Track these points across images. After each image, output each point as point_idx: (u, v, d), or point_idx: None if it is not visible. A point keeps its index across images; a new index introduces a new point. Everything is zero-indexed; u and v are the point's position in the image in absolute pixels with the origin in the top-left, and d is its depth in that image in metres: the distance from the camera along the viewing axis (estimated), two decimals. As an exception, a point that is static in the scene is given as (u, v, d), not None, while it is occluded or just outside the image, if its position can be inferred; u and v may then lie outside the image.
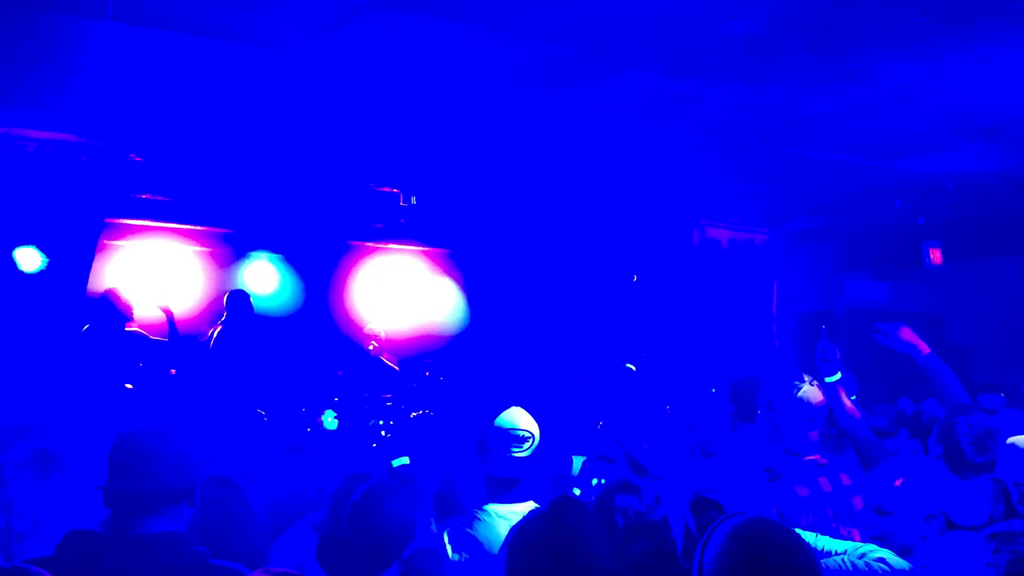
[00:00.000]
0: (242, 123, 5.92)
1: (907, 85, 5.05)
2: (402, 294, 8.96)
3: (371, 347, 7.73)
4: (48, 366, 6.01)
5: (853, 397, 4.48)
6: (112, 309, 6.13)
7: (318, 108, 5.57)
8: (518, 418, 3.64)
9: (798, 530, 2.07)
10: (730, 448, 4.57)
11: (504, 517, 3.18)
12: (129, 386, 5.99)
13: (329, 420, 4.80)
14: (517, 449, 3.62)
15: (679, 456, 5.11)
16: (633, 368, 7.06)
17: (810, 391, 4.21)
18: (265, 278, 8.12)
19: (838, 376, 4.28)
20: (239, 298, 6.93)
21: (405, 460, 3.84)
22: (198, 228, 7.88)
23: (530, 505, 3.43)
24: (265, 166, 6.90)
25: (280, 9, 4.16)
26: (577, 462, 4.43)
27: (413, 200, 7.64)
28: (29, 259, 5.84)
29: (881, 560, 2.42)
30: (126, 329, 6.21)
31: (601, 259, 9.73)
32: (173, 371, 6.34)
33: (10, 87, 5.23)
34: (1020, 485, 3.48)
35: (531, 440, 3.52)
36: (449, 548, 3.26)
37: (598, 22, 4.23)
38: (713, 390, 6.65)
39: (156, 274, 7.67)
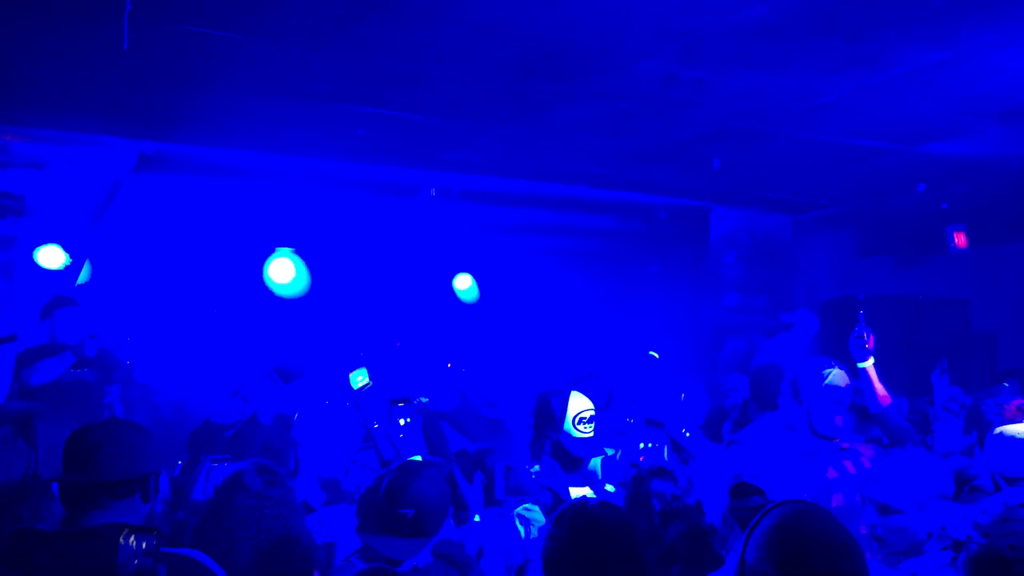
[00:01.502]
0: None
1: (927, 69, 4.99)
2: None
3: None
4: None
5: None
6: None
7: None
8: (583, 401, 3.78)
9: None
10: (752, 436, 4.57)
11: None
12: None
13: (358, 378, 4.78)
14: (584, 428, 3.72)
15: (705, 442, 5.13)
16: (656, 356, 7.05)
17: (838, 375, 4.22)
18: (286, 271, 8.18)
19: (871, 361, 4.28)
20: None
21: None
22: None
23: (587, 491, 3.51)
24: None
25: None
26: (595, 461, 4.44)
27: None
28: (52, 257, 5.88)
29: None
30: None
31: (615, 250, 9.74)
32: None
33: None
34: (1010, 478, 3.46)
35: (595, 422, 3.68)
36: (519, 525, 3.36)
37: (609, 9, 4.20)
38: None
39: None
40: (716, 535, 3.05)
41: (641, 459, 4.31)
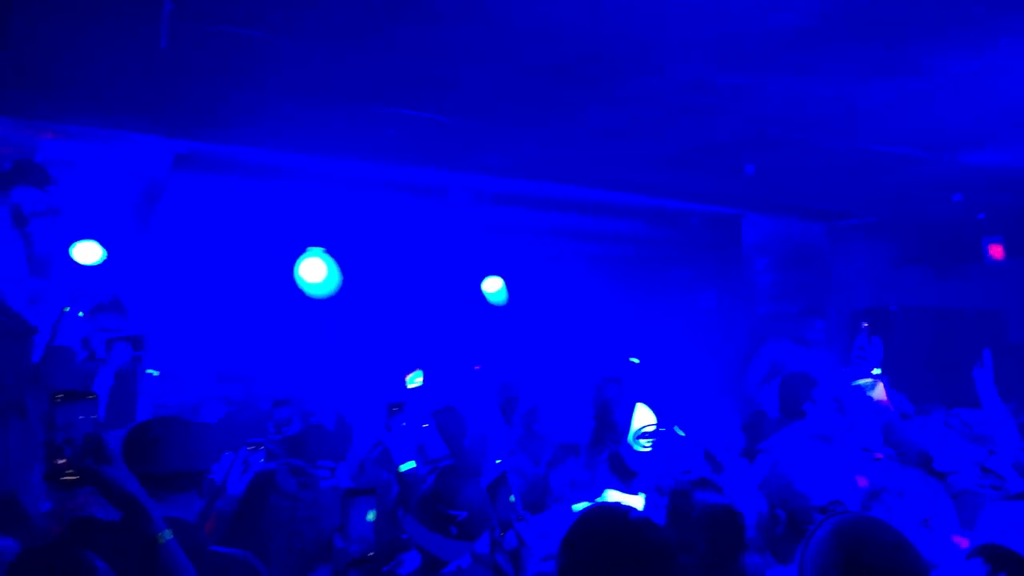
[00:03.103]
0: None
1: (965, 76, 4.92)
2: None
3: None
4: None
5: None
6: None
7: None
8: (648, 415, 3.76)
9: None
10: (779, 444, 4.54)
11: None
12: None
13: (416, 379, 4.83)
14: (645, 443, 3.71)
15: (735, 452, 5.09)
16: (636, 361, 7.05)
17: (880, 390, 4.19)
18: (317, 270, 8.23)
19: (877, 372, 4.25)
20: None
21: (412, 464, 3.86)
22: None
23: (641, 499, 3.50)
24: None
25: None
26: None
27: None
28: (89, 253, 5.94)
29: None
30: None
31: (646, 256, 9.70)
32: None
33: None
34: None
35: (655, 438, 3.66)
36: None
37: (644, 13, 4.19)
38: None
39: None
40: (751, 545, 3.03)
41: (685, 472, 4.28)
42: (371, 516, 2.74)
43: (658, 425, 4.62)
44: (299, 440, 4.96)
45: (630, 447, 3.85)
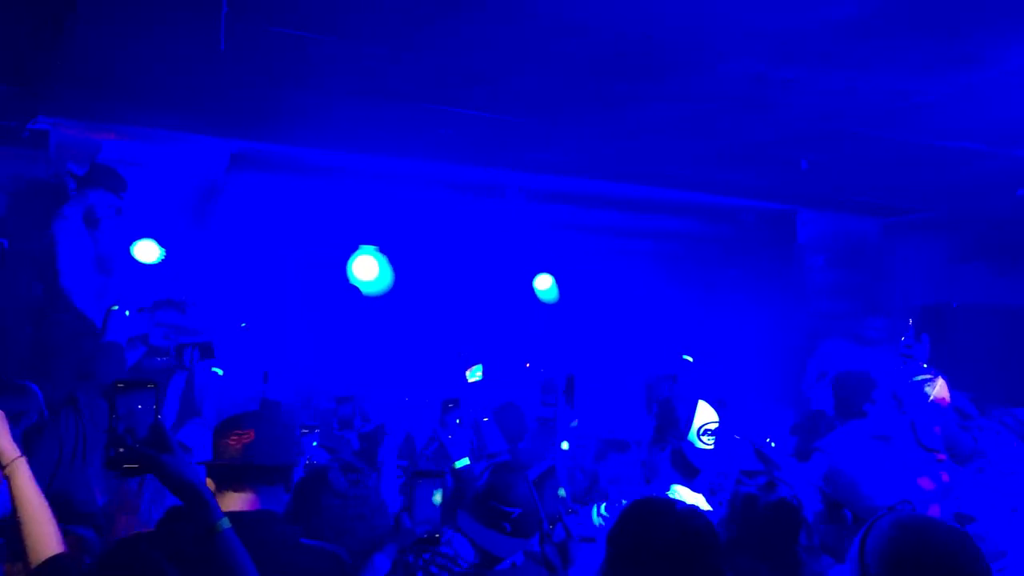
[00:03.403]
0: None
1: (1031, 68, 4.81)
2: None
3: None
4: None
5: None
6: None
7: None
8: (709, 412, 3.78)
9: None
10: (836, 443, 4.48)
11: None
12: None
13: (477, 374, 4.89)
14: (708, 440, 3.72)
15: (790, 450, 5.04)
16: (690, 359, 6.99)
17: (940, 386, 4.11)
18: (370, 268, 8.29)
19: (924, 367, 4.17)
20: None
21: (466, 461, 3.88)
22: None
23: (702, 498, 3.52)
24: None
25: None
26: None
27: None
28: (148, 252, 6.06)
29: None
30: None
31: (699, 253, 9.61)
32: None
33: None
34: None
35: (717, 435, 3.68)
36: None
37: (696, 7, 4.15)
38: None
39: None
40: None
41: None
42: (437, 498, 2.76)
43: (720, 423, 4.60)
44: (373, 437, 5.01)
45: (692, 444, 3.83)
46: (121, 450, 2.11)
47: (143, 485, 3.30)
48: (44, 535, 2.38)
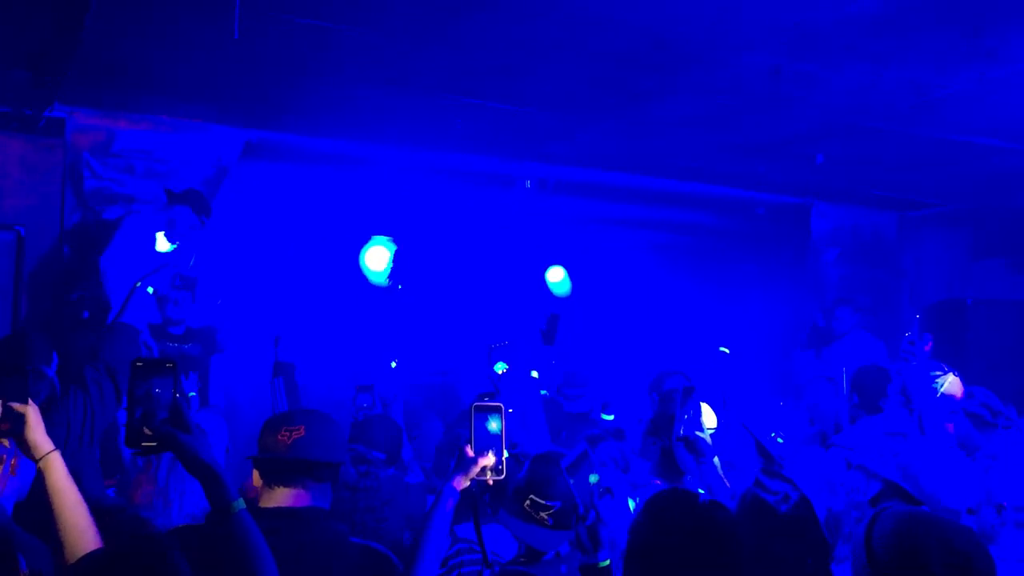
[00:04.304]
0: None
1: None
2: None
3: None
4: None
5: None
6: None
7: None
8: (710, 415, 3.76)
9: None
10: (852, 439, 4.45)
11: None
12: None
13: (500, 367, 4.93)
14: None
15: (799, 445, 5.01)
16: (727, 351, 6.95)
17: (952, 383, 4.07)
18: (381, 258, 8.28)
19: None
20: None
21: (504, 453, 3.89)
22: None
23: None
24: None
25: None
26: None
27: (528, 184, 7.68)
28: (161, 241, 6.07)
29: None
30: None
31: (712, 246, 9.57)
32: None
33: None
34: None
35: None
36: None
37: (715, 0, 4.12)
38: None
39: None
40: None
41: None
42: (494, 426, 2.81)
43: (719, 426, 4.56)
44: (362, 426, 5.01)
45: (683, 447, 3.79)
46: (143, 428, 2.13)
47: (160, 458, 3.31)
48: (80, 530, 2.37)
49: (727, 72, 5.01)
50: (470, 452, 2.77)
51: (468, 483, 2.77)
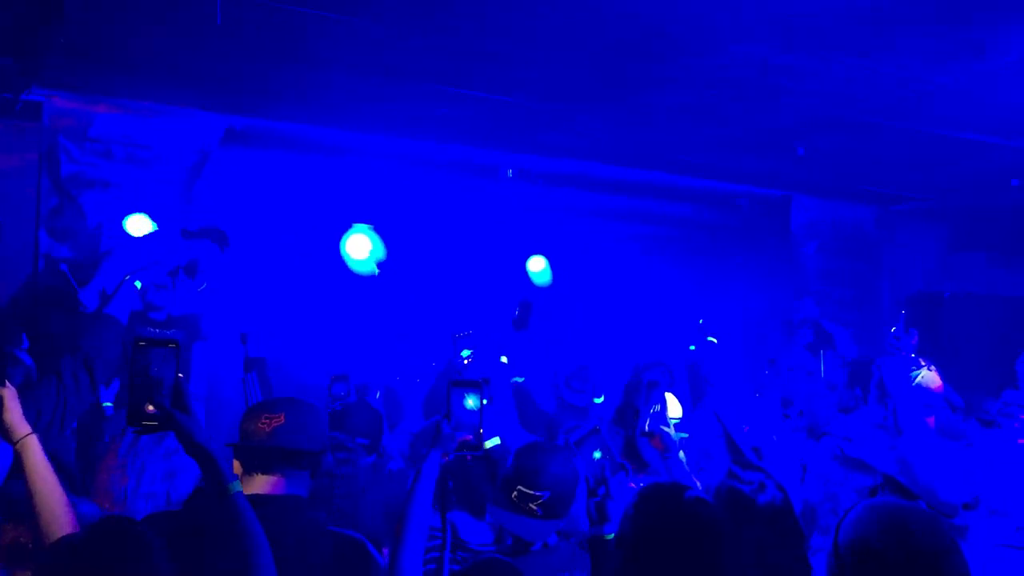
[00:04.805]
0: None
1: (1034, 59, 4.78)
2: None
3: None
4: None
5: None
6: None
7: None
8: (675, 406, 3.74)
9: None
10: (845, 430, 4.48)
11: None
12: None
13: (465, 353, 4.97)
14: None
15: (783, 436, 5.03)
16: (715, 341, 6.97)
17: (928, 376, 4.09)
18: (363, 247, 8.21)
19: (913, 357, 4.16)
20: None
21: (496, 440, 3.86)
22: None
23: None
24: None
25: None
26: None
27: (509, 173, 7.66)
28: (140, 226, 6.00)
29: None
30: None
31: (695, 239, 9.59)
32: None
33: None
34: None
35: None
36: None
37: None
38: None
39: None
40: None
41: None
42: (471, 403, 2.82)
43: (685, 417, 4.56)
44: (341, 415, 5.00)
45: (646, 440, 3.78)
46: (142, 406, 2.16)
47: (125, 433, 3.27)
48: (57, 513, 2.36)
49: (716, 63, 5.00)
50: (447, 428, 2.78)
51: (447, 458, 2.76)
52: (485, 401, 2.88)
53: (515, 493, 3.04)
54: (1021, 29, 4.44)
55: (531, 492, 3.01)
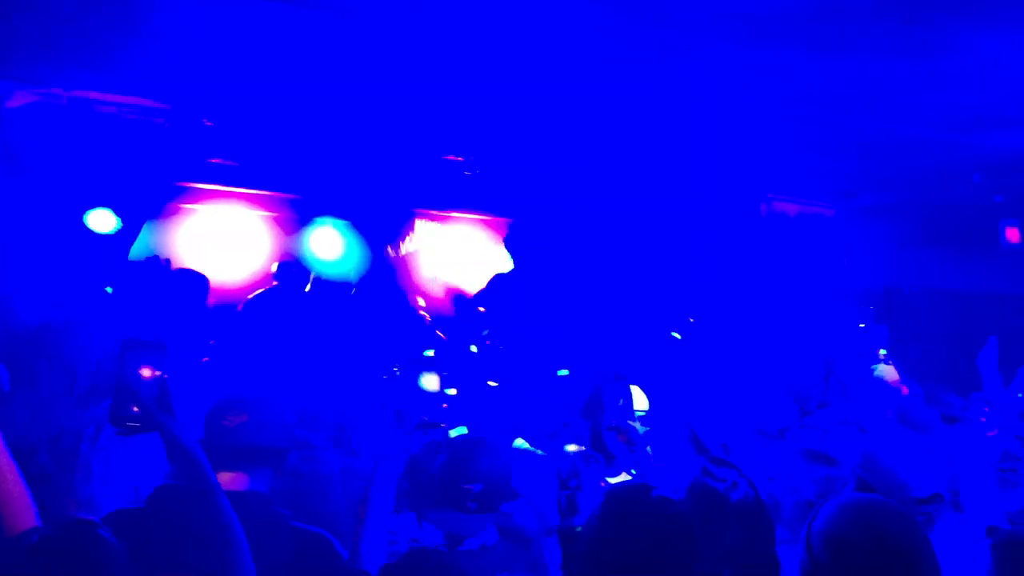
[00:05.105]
0: (310, 89, 5.94)
1: (991, 56, 4.85)
2: (463, 262, 8.99)
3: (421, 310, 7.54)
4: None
5: None
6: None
7: (383, 73, 5.55)
8: (641, 398, 3.73)
9: None
10: (822, 421, 4.51)
11: None
12: None
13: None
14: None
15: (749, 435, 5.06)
16: (679, 337, 7.01)
17: (886, 370, 4.15)
18: (331, 243, 7.93)
19: (883, 353, 4.22)
20: (292, 269, 6.81)
21: (463, 430, 3.85)
22: (266, 193, 7.94)
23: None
24: (332, 133, 6.92)
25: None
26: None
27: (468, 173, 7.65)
28: (102, 221, 5.94)
29: None
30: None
31: (662, 232, 9.61)
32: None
33: (84, 49, 5.32)
34: None
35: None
36: None
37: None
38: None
39: (224, 239, 7.80)
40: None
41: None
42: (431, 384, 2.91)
43: (651, 411, 4.59)
44: (307, 412, 4.96)
45: (613, 434, 3.80)
46: (129, 407, 2.15)
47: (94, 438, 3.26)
48: (18, 507, 2.35)
49: (674, 60, 5.05)
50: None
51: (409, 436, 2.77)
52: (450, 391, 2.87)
53: (447, 489, 3.00)
54: (978, 27, 4.52)
55: (463, 486, 2.96)
